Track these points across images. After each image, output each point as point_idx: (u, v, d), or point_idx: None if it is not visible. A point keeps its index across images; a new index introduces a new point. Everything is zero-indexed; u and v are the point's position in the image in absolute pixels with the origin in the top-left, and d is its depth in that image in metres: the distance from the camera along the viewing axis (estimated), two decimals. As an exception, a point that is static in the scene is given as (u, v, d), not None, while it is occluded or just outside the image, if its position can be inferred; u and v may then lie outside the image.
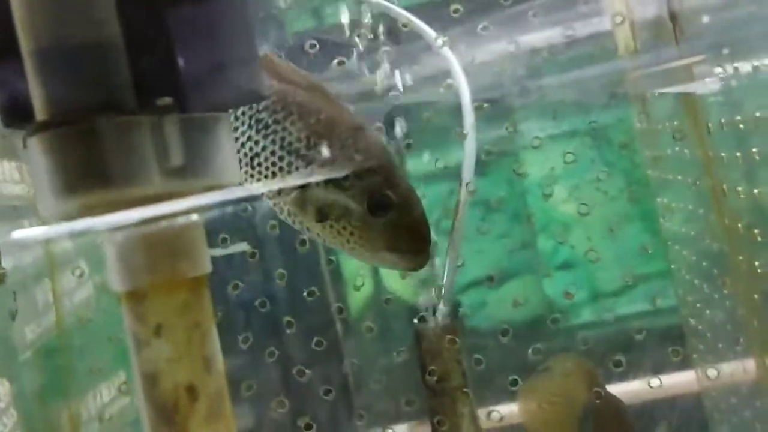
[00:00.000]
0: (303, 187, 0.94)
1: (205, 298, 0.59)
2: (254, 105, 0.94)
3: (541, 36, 1.24)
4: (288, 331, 1.17)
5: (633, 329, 1.78)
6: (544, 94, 1.28)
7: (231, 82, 0.56)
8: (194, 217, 0.59)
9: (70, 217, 0.56)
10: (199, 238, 0.59)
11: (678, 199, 1.42)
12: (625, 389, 1.47)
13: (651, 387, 1.24)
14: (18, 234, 0.96)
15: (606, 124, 1.66)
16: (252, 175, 0.96)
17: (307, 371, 1.17)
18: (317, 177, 0.92)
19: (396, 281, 2.05)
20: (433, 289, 1.06)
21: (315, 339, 1.17)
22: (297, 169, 0.94)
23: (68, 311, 0.93)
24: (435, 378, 1.00)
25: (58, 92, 0.49)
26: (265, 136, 0.95)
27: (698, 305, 1.43)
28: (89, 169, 0.50)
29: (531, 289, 1.82)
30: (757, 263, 1.04)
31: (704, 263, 1.30)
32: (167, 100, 0.51)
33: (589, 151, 1.75)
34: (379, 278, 2.03)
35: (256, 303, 1.17)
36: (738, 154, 1.04)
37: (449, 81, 1.04)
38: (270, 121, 0.95)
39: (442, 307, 1.03)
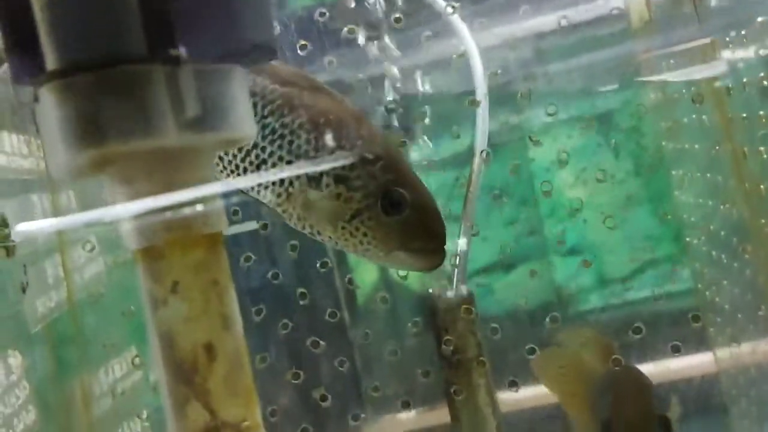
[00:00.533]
0: (312, 190, 0.92)
1: (222, 256, 0.58)
2: (258, 111, 0.92)
3: (546, 19, 1.23)
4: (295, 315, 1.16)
5: (642, 313, 1.78)
6: (551, 79, 1.27)
7: (244, 34, 0.55)
8: (210, 173, 0.58)
9: (82, 174, 0.55)
10: (214, 198, 0.58)
11: (695, 169, 1.40)
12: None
13: (667, 369, 1.23)
14: (26, 226, 0.95)
15: (613, 108, 1.65)
16: (260, 183, 0.94)
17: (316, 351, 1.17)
18: (327, 178, 0.90)
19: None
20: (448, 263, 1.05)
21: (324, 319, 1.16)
22: (307, 172, 0.92)
23: (79, 286, 0.93)
24: (450, 350, 0.99)
25: (70, 40, 0.48)
26: (272, 142, 0.92)
27: (716, 277, 1.42)
28: (103, 120, 0.49)
29: (539, 274, 1.81)
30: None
31: (722, 233, 1.28)
32: (181, 50, 0.50)
33: (595, 135, 1.75)
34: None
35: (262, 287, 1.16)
36: (762, 112, 1.01)
37: (462, 49, 1.03)
38: (277, 126, 0.92)
39: (456, 280, 1.02)
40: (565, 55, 1.32)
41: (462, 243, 1.01)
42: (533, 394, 1.42)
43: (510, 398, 1.44)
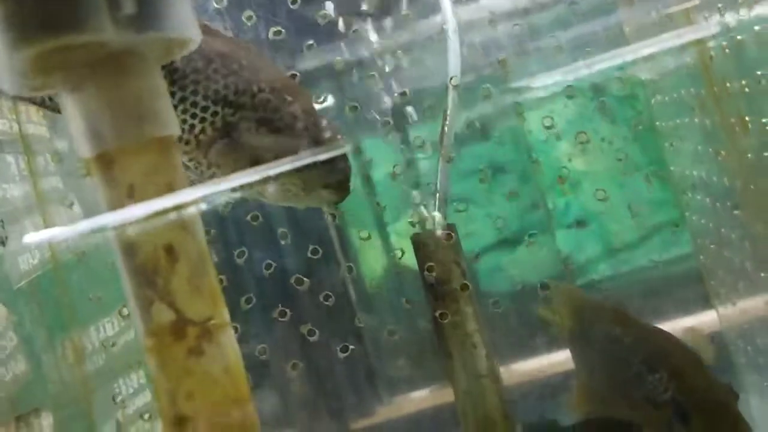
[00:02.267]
0: (233, 137, 0.89)
1: (176, 160, 0.58)
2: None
3: None
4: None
5: (651, 278, 1.78)
6: (543, 52, 1.27)
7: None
8: (159, 81, 0.59)
9: (31, 83, 0.56)
10: (163, 100, 0.59)
11: (687, 142, 1.40)
12: None
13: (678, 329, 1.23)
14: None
15: (607, 76, 1.65)
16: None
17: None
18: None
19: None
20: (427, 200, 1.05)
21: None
22: (225, 118, 0.89)
23: (63, 247, 0.93)
24: (434, 278, 1.00)
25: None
26: (183, 87, 0.87)
27: (713, 247, 1.42)
28: (41, 17, 0.50)
29: (545, 248, 1.81)
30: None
31: (717, 204, 1.28)
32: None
33: (590, 103, 1.74)
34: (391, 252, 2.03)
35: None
36: (743, 82, 1.01)
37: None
38: (188, 71, 0.87)
39: (437, 213, 1.03)
40: (555, 26, 1.32)
41: (440, 174, 1.02)
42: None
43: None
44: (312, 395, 1.68)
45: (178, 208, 0.57)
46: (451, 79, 1.01)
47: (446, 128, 1.02)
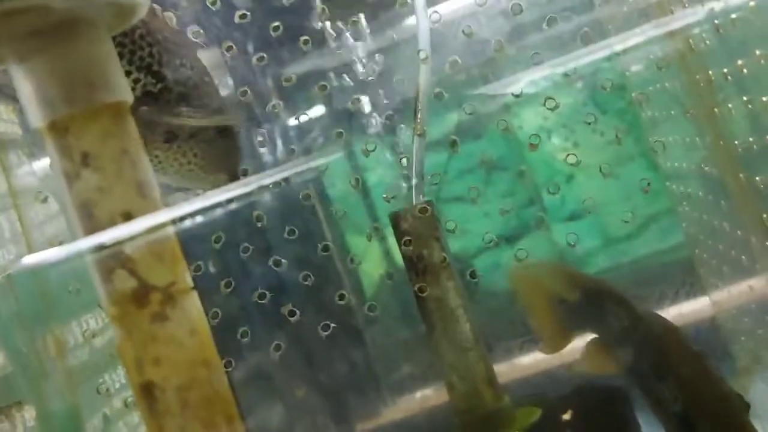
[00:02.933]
0: (152, 107, 0.86)
1: (130, 125, 0.58)
2: None
3: None
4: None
5: (649, 268, 1.77)
6: (533, 48, 1.27)
7: None
8: (109, 47, 0.59)
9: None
10: (115, 67, 0.59)
11: (672, 135, 1.40)
12: None
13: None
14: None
15: (594, 68, 1.64)
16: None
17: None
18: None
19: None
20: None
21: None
22: (146, 86, 0.86)
23: (40, 243, 0.93)
24: (414, 256, 0.99)
25: None
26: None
27: (702, 238, 1.42)
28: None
29: (542, 244, 1.80)
30: (758, 178, 1.02)
31: (710, 196, 1.28)
32: None
33: (579, 95, 1.74)
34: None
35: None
36: (725, 70, 1.01)
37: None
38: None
39: (414, 186, 1.02)
40: (541, 20, 1.32)
41: (415, 148, 1.02)
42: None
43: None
44: (316, 398, 1.67)
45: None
46: (418, 52, 1.01)
47: (419, 103, 1.02)
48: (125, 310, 0.56)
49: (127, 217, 0.56)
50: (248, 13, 0.98)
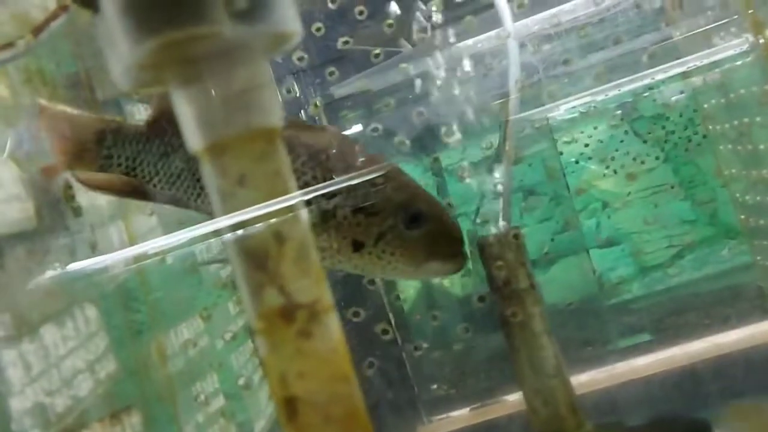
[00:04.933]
0: (332, 223, 0.94)
1: (281, 149, 0.61)
2: None
3: (571, 12, 1.26)
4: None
5: (685, 297, 1.78)
6: (576, 75, 1.30)
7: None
8: (267, 73, 0.62)
9: (145, 78, 0.59)
10: (270, 92, 0.61)
11: (743, 143, 1.41)
12: (687, 350, 1.47)
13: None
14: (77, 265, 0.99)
15: (636, 96, 1.67)
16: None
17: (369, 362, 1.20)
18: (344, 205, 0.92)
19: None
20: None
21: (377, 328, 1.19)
22: (320, 206, 0.94)
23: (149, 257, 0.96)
24: (502, 279, 1.02)
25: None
26: None
27: None
28: (162, 9, 0.53)
29: (579, 268, 1.82)
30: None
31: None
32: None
33: (621, 124, 1.75)
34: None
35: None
36: None
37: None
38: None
39: (502, 218, 1.05)
40: (592, 46, 1.34)
41: (505, 179, 1.04)
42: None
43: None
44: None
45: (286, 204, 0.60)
46: (516, 82, 1.03)
47: (508, 130, 1.04)
48: (272, 326, 0.59)
49: (278, 235, 0.59)
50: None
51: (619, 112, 1.68)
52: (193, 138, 0.59)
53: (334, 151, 0.96)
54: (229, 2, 0.55)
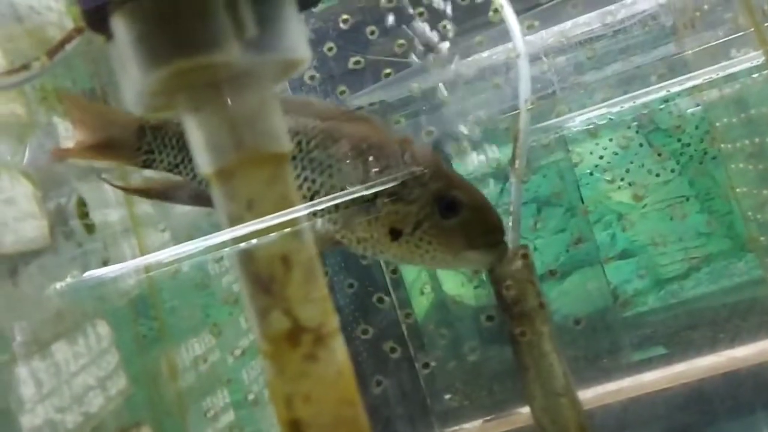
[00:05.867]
0: (370, 212, 0.95)
1: (289, 173, 0.62)
2: (304, 147, 0.97)
3: (584, 24, 1.26)
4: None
5: (702, 309, 1.77)
6: (591, 87, 1.30)
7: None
8: (274, 99, 0.63)
9: (157, 102, 0.60)
10: (278, 118, 0.62)
11: (753, 162, 1.40)
12: (705, 363, 1.47)
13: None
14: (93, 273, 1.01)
15: (651, 108, 1.66)
16: (315, 214, 0.97)
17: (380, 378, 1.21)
18: (379, 186, 0.93)
19: (455, 286, 2.08)
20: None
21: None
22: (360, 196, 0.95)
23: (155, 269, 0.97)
24: (511, 297, 1.02)
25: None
26: (321, 173, 0.96)
27: None
28: (173, 39, 0.54)
29: (593, 281, 1.82)
30: None
31: None
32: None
33: (636, 137, 1.75)
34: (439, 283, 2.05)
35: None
36: None
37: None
38: (324, 157, 0.96)
39: (510, 233, 1.05)
40: (605, 59, 1.34)
41: (515, 197, 1.04)
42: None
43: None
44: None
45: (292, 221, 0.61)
46: (525, 101, 1.04)
47: (519, 149, 1.05)
48: (278, 349, 0.60)
49: (285, 259, 0.60)
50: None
51: (635, 124, 1.67)
52: (203, 162, 0.60)
53: (374, 140, 0.97)
54: (240, 31, 0.56)
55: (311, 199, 0.96)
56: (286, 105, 0.97)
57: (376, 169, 0.95)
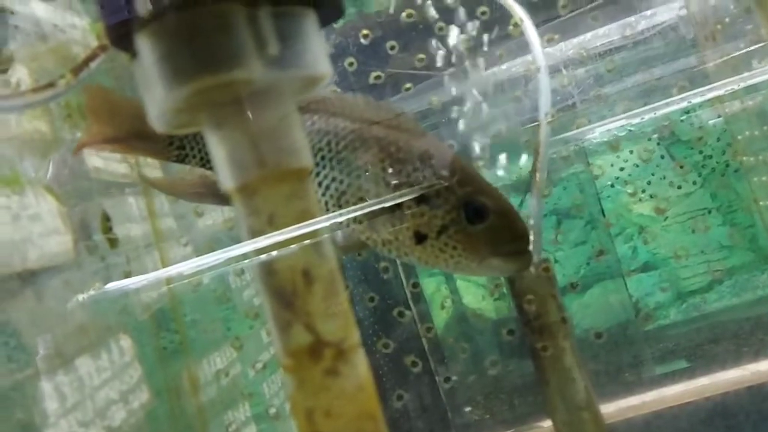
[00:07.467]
0: (396, 215, 0.95)
1: (310, 188, 0.62)
2: (332, 147, 0.97)
3: (604, 36, 1.26)
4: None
5: (723, 323, 1.76)
6: (611, 99, 1.30)
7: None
8: (295, 115, 0.63)
9: (180, 119, 0.60)
10: (299, 134, 0.63)
11: None
12: (728, 377, 1.45)
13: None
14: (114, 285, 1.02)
15: (672, 120, 1.65)
16: (342, 214, 0.97)
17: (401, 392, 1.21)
18: (409, 196, 0.93)
19: (476, 299, 2.08)
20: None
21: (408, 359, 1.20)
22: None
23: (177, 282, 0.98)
24: (533, 312, 1.01)
25: (160, -12, 0.53)
26: (350, 173, 0.96)
27: None
28: (196, 57, 0.54)
29: (615, 294, 1.81)
30: None
31: None
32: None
33: (657, 149, 1.74)
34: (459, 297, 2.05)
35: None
36: None
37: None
38: (352, 158, 0.96)
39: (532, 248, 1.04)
40: (625, 71, 1.34)
41: (535, 210, 1.04)
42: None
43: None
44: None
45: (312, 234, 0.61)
46: (545, 114, 1.04)
47: (539, 161, 1.04)
48: (300, 363, 0.60)
49: (306, 274, 0.60)
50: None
51: (655, 136, 1.67)
52: (225, 178, 0.61)
53: (403, 144, 0.97)
54: (261, 48, 0.56)
55: (338, 199, 0.96)
56: (330, 103, 0.97)
57: (404, 173, 0.95)
